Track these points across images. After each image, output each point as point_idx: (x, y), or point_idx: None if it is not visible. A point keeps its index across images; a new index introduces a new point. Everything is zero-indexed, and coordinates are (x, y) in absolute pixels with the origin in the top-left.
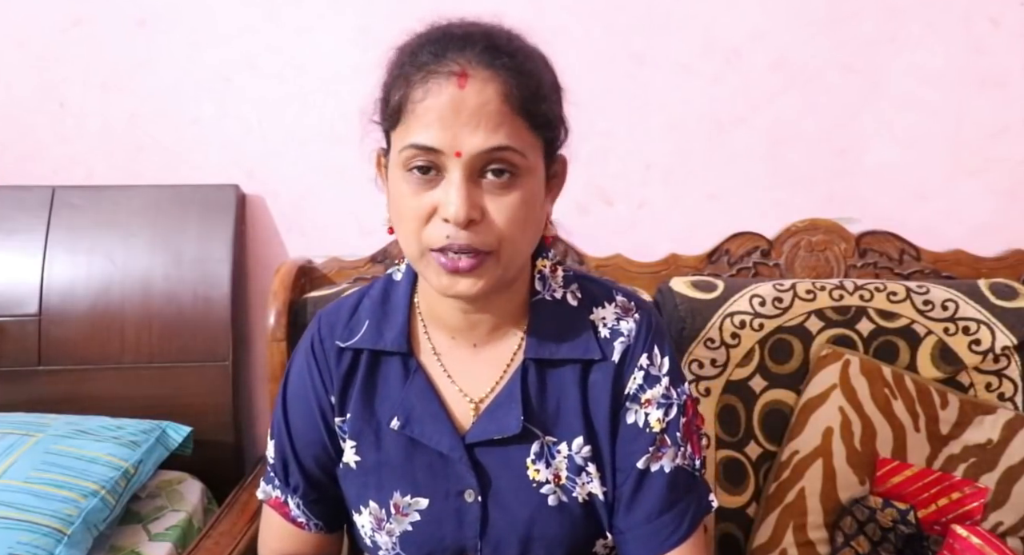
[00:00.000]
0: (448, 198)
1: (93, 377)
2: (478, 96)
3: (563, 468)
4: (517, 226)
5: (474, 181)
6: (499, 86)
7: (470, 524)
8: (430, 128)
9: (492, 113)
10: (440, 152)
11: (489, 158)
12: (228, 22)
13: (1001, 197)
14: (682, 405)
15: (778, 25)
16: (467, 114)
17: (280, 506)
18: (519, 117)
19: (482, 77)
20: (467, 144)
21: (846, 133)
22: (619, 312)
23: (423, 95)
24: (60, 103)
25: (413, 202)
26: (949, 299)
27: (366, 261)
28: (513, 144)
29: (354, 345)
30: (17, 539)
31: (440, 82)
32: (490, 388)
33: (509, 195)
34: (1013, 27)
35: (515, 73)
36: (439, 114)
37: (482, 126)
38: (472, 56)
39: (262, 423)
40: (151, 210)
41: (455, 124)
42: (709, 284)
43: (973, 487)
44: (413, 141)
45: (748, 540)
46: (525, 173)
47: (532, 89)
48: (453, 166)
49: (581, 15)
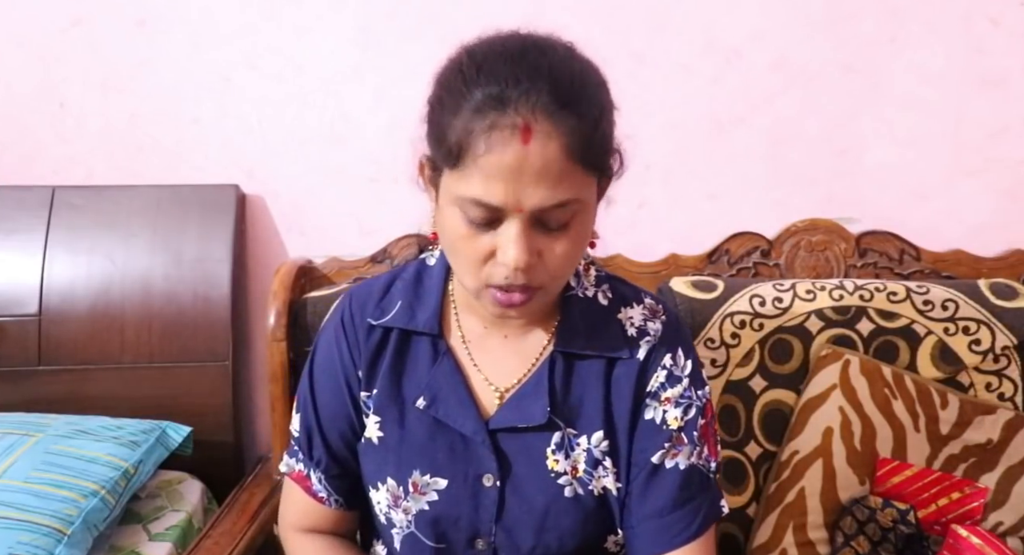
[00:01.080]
0: (507, 248)
1: (93, 377)
2: (542, 153)
3: (581, 461)
4: (570, 265)
5: (532, 228)
6: (562, 140)
7: (486, 508)
8: (492, 185)
9: (556, 171)
10: (502, 209)
11: (550, 211)
12: (228, 22)
13: (1001, 197)
14: (701, 407)
15: (778, 25)
16: (530, 173)
17: (302, 480)
18: (579, 166)
19: (546, 131)
20: (529, 201)
21: (846, 133)
22: (647, 314)
23: (485, 149)
24: (60, 103)
25: (471, 243)
26: (949, 299)
27: (366, 261)
28: (573, 196)
29: (386, 323)
30: (17, 539)
31: (504, 138)
32: (517, 378)
33: (565, 237)
34: (1013, 27)
35: (578, 123)
36: (502, 173)
37: (544, 184)
38: (536, 105)
39: (262, 423)
40: (151, 210)
41: (518, 182)
42: (709, 284)
43: (973, 487)
44: (476, 197)
45: (748, 540)
46: (581, 213)
47: (597, 142)
48: (513, 218)
49: (581, 15)
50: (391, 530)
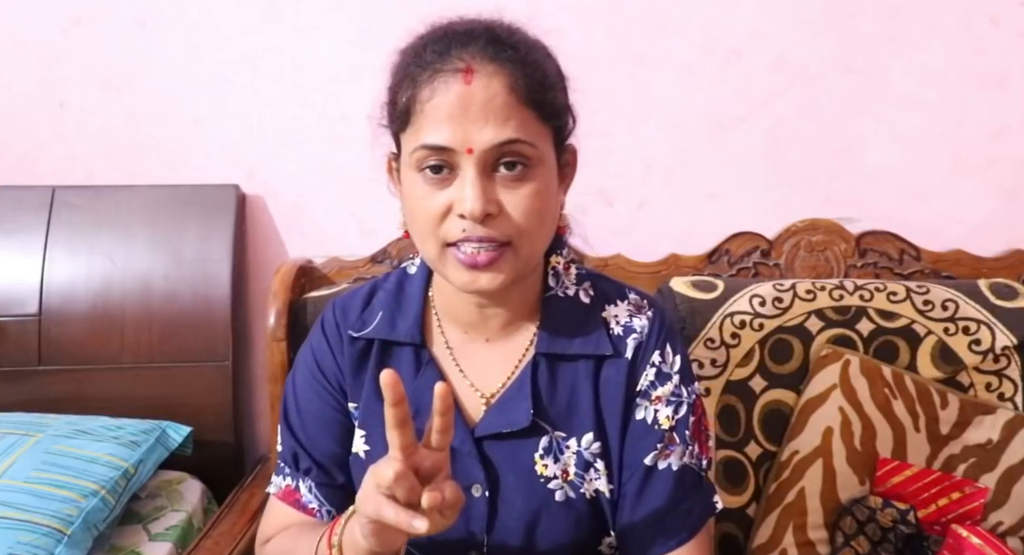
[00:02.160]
0: (463, 194)
1: (93, 377)
2: (485, 91)
3: (571, 464)
4: (534, 217)
5: (487, 176)
6: (504, 78)
7: (476, 519)
8: (440, 127)
9: (500, 107)
10: (452, 150)
11: (501, 152)
12: (228, 22)
13: (1001, 197)
14: (692, 404)
15: (778, 25)
16: (475, 110)
17: (291, 494)
18: (527, 108)
19: (487, 71)
20: (478, 140)
21: (846, 133)
22: (631, 310)
23: (430, 94)
24: (60, 103)
25: (428, 202)
26: (949, 299)
27: (366, 261)
28: (523, 136)
29: (367, 335)
30: (17, 539)
31: (447, 80)
32: (501, 383)
33: (523, 187)
34: (1013, 27)
35: (519, 64)
36: (448, 112)
37: (491, 121)
38: (476, 51)
39: (262, 423)
40: (151, 210)
41: (464, 121)
42: (709, 284)
43: (973, 487)
44: (424, 141)
45: (748, 540)
46: (537, 164)
47: (537, 79)
48: (466, 163)
49: (581, 15)
50: None
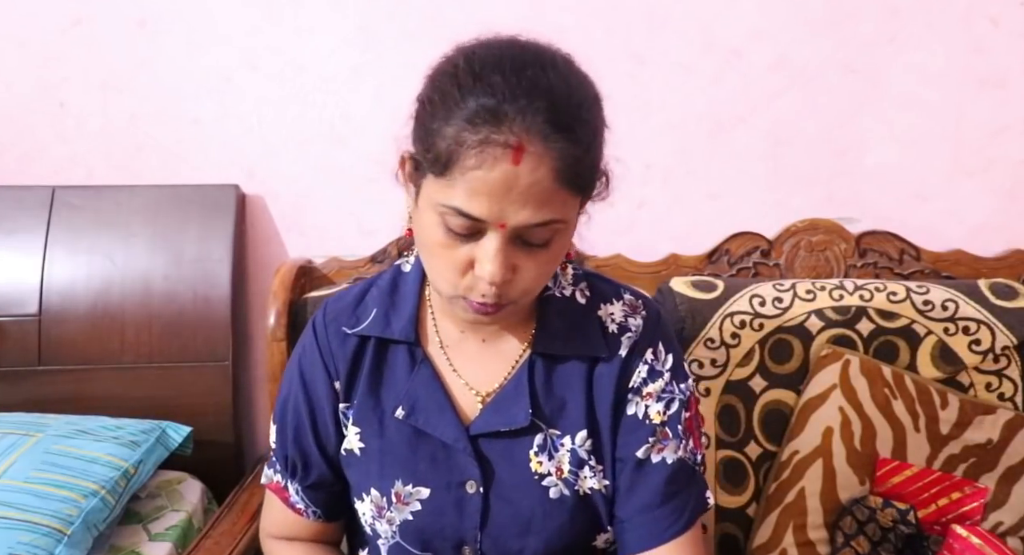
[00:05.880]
0: (485, 261)
1: (93, 377)
2: (531, 174)
3: (566, 461)
4: (544, 279)
5: (511, 243)
6: (552, 163)
7: (470, 516)
8: (478, 200)
9: (541, 191)
10: (484, 222)
11: (532, 230)
12: (228, 22)
13: (1001, 197)
14: (685, 400)
15: (778, 25)
16: (517, 193)
17: (280, 491)
18: (567, 190)
19: (537, 152)
20: (513, 218)
21: (846, 133)
22: (627, 309)
23: (476, 163)
24: (60, 103)
25: (448, 252)
26: (949, 299)
27: (366, 261)
28: (558, 216)
29: (361, 332)
30: (17, 539)
31: (495, 154)
32: (498, 382)
33: (543, 253)
34: (1013, 27)
35: (570, 148)
36: (489, 188)
37: (530, 204)
38: (532, 126)
39: (262, 423)
40: (151, 210)
41: (504, 201)
42: (709, 284)
43: (973, 487)
44: (459, 207)
45: (748, 540)
46: (561, 232)
47: (586, 164)
48: (493, 232)
49: (581, 15)
50: (377, 540)
